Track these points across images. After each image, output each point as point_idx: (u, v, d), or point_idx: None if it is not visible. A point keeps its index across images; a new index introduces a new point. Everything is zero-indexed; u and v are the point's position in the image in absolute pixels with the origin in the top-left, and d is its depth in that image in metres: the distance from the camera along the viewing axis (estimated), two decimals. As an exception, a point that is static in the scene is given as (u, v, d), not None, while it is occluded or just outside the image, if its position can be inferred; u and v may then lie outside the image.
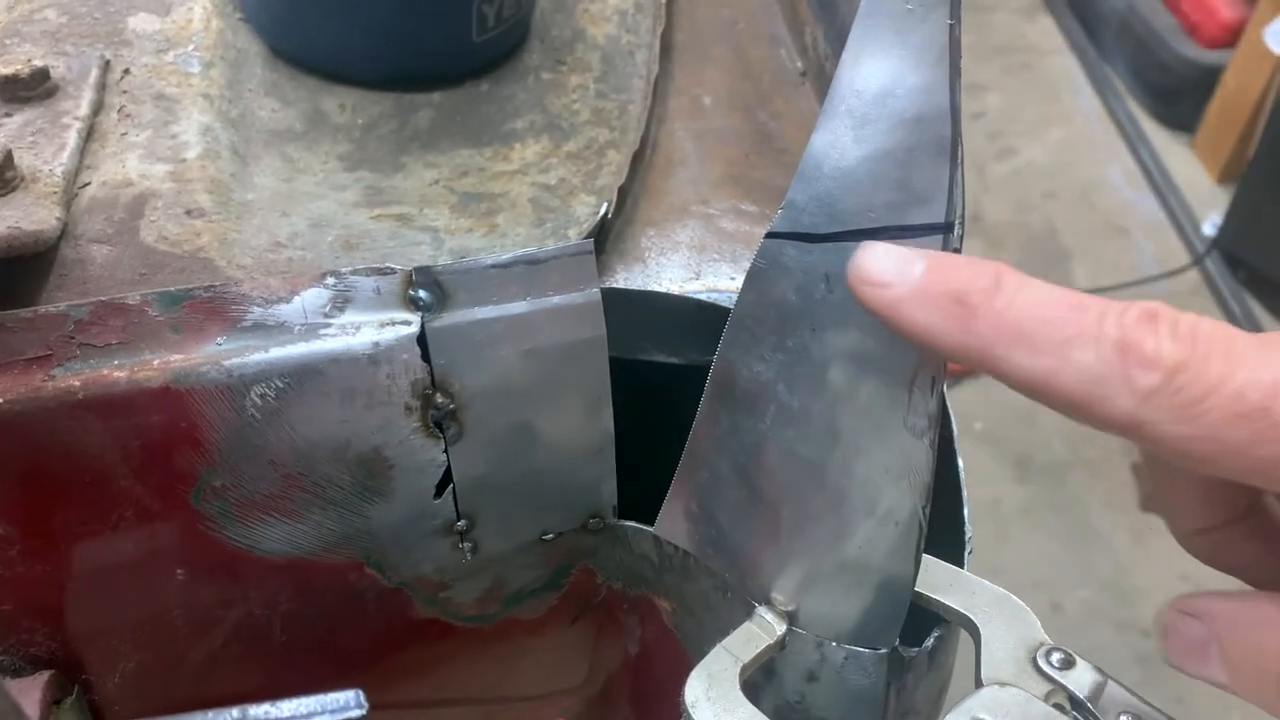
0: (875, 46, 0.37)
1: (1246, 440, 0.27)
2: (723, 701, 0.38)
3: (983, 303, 0.29)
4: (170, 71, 0.53)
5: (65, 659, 0.42)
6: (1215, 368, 0.27)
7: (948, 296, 0.30)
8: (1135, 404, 0.27)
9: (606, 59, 0.59)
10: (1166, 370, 0.27)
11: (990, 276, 0.30)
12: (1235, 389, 0.27)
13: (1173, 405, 0.27)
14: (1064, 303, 0.29)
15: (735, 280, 0.45)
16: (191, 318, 0.39)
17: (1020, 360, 0.29)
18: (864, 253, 0.32)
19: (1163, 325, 0.28)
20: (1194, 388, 0.27)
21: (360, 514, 0.42)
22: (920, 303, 0.30)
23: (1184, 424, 0.27)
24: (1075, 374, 0.28)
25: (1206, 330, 0.27)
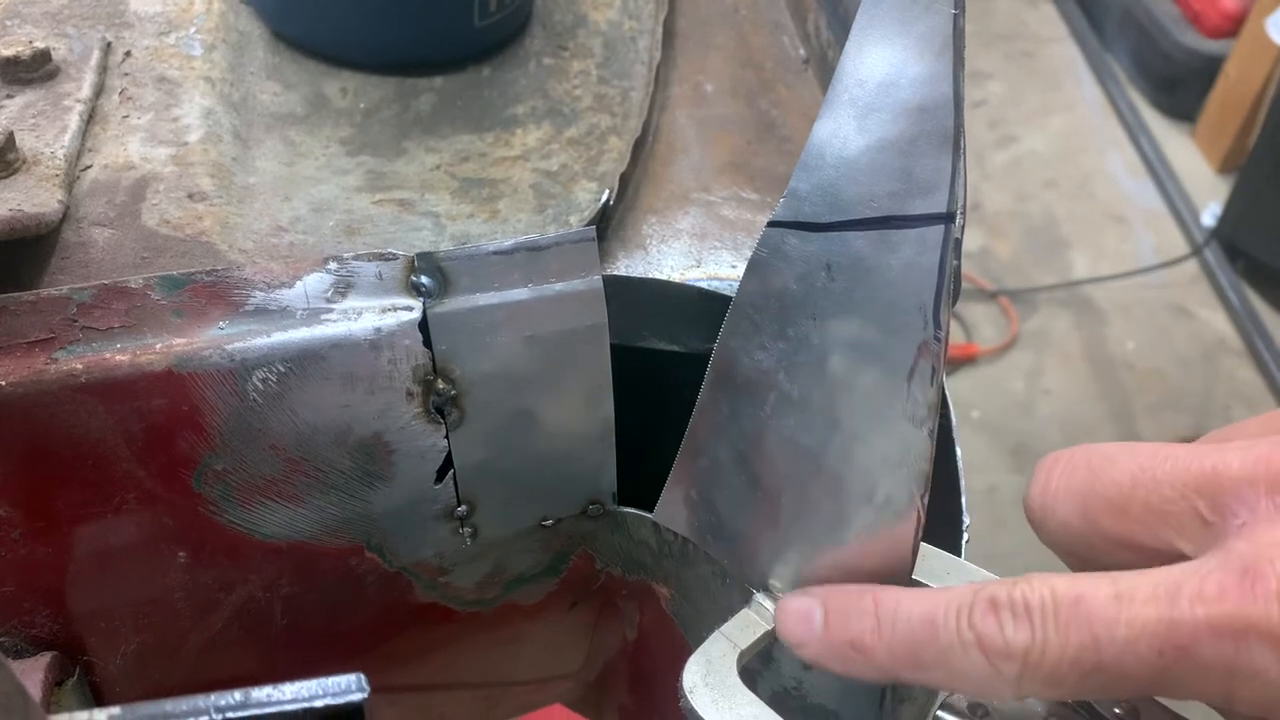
0: (879, 36, 0.37)
1: (1104, 686, 0.30)
2: (720, 688, 0.38)
3: (872, 643, 0.34)
4: (172, 54, 0.53)
5: (67, 641, 0.42)
6: (1053, 642, 0.29)
7: (846, 645, 0.34)
8: (1014, 689, 0.31)
9: (608, 45, 0.59)
10: (1019, 658, 0.30)
11: (870, 615, 0.34)
12: (1071, 659, 0.29)
13: (1038, 680, 0.30)
14: (928, 619, 0.32)
15: (736, 268, 0.45)
16: (194, 302, 0.39)
17: (921, 678, 0.33)
18: (779, 613, 0.37)
19: (1003, 613, 0.31)
20: (1045, 665, 0.30)
21: (361, 499, 0.42)
22: (831, 656, 0.35)
23: (1054, 689, 0.30)
24: (963, 678, 0.32)
25: (1036, 601, 0.30)
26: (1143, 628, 0.28)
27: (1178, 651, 0.28)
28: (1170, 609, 0.28)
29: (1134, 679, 0.29)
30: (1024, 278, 2.15)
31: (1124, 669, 0.29)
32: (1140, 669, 0.28)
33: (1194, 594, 0.28)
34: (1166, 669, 0.28)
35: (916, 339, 0.36)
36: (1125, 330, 2.05)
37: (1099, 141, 2.48)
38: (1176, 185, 2.32)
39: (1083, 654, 0.29)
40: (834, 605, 0.36)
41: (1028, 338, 2.04)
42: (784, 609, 0.37)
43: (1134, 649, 0.28)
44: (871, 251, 0.36)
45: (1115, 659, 0.29)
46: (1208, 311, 2.09)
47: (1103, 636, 0.29)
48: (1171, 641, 0.28)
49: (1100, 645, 0.29)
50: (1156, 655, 0.28)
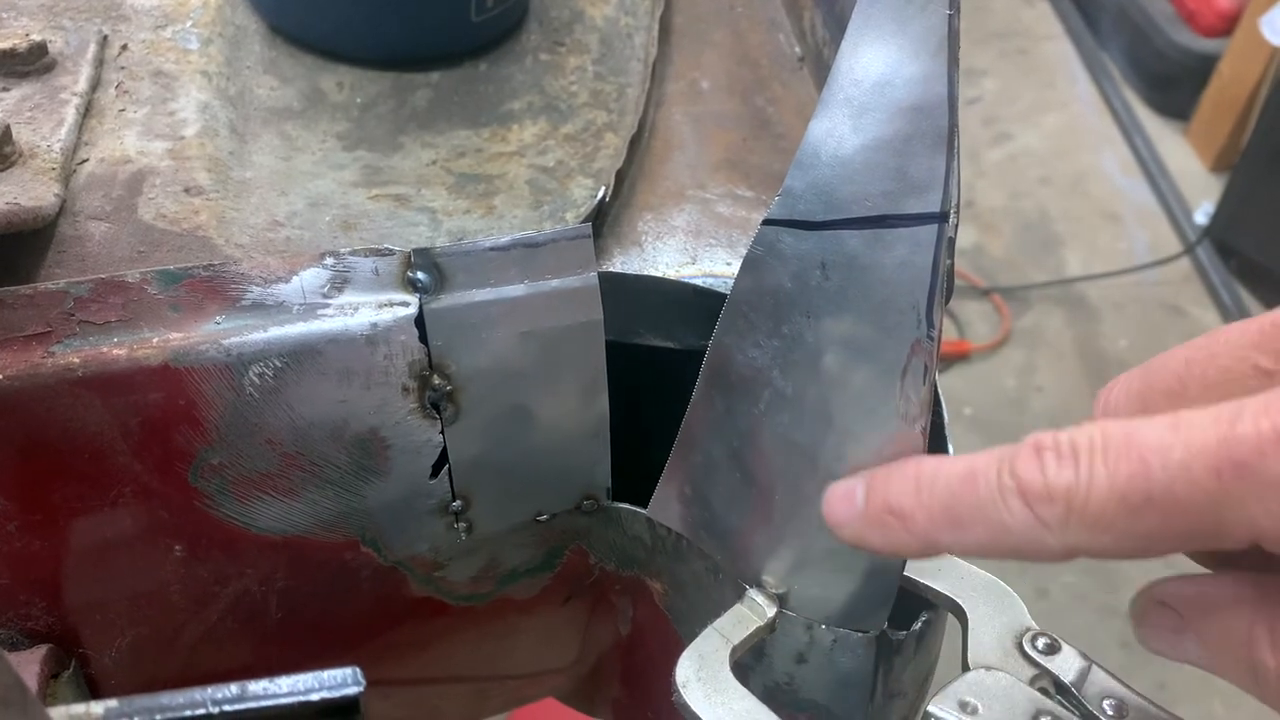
0: (874, 35, 0.37)
1: (1155, 527, 0.28)
2: (713, 682, 0.39)
3: (912, 506, 0.33)
4: (168, 48, 0.53)
5: (63, 633, 0.42)
6: (1099, 480, 0.28)
7: (886, 513, 0.33)
8: (1058, 537, 0.29)
9: (605, 41, 0.59)
10: (1063, 499, 0.28)
11: (910, 479, 0.33)
12: (1119, 494, 0.28)
13: (1085, 524, 0.28)
14: (964, 475, 0.31)
15: (731, 265, 0.45)
16: (191, 296, 0.39)
17: (960, 540, 0.32)
18: (826, 499, 0.36)
19: (1046, 455, 0.29)
20: (1091, 506, 0.28)
21: (356, 493, 0.43)
22: (872, 529, 0.34)
23: (1104, 535, 0.28)
24: (1004, 534, 0.30)
25: (1082, 441, 0.29)
26: (1201, 448, 0.26)
27: (1237, 469, 0.26)
28: (1231, 427, 0.26)
29: (1187, 510, 0.27)
30: (1017, 275, 2.15)
31: (1176, 498, 0.27)
32: (1194, 496, 0.26)
33: (1258, 410, 0.26)
34: (1225, 492, 0.26)
35: (909, 337, 0.36)
36: (1118, 328, 2.06)
37: (1093, 139, 2.48)
38: (1170, 184, 2.32)
39: (1132, 485, 0.27)
40: (876, 478, 0.34)
41: (1020, 335, 2.04)
42: (829, 493, 0.36)
43: (1188, 473, 0.26)
44: (865, 250, 0.37)
45: (1167, 487, 0.27)
46: (1200, 310, 2.10)
47: (1154, 463, 0.27)
48: (1231, 458, 0.26)
49: (1151, 473, 0.27)
50: (1215, 477, 0.26)
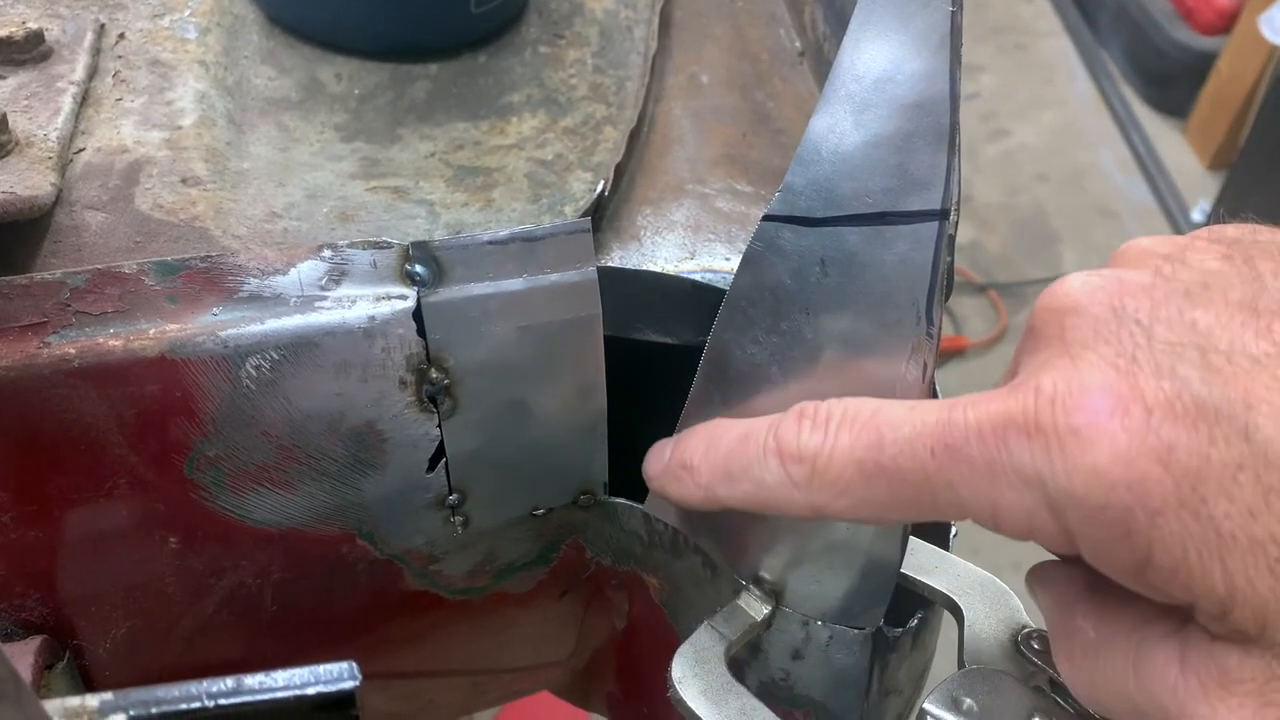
0: (877, 31, 0.37)
1: (883, 494, 0.30)
2: (708, 678, 0.39)
3: (698, 461, 0.36)
4: (166, 37, 0.53)
5: (57, 624, 0.42)
6: (841, 443, 0.31)
7: (679, 465, 0.37)
8: (802, 494, 0.32)
9: (605, 34, 0.59)
10: (808, 458, 0.32)
11: (704, 439, 0.36)
12: (855, 458, 0.30)
13: (822, 485, 0.31)
14: (741, 434, 0.34)
15: (730, 261, 0.45)
16: (188, 288, 0.39)
17: (732, 492, 0.35)
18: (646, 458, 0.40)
19: (804, 421, 0.32)
20: (832, 467, 0.31)
21: (353, 486, 0.43)
22: (669, 480, 0.38)
23: (840, 498, 0.31)
24: (763, 489, 0.33)
25: (837, 411, 0.32)
26: (923, 428, 0.29)
27: (948, 451, 0.29)
28: (949, 414, 0.29)
29: (909, 481, 0.30)
30: (1013, 271, 2.15)
31: (901, 470, 0.30)
32: (915, 471, 0.29)
33: (968, 402, 0.29)
34: (939, 472, 0.29)
35: (909, 334, 0.36)
36: (1113, 325, 2.06)
37: (1090, 136, 2.48)
38: (1167, 181, 2.32)
39: (867, 454, 0.30)
40: (683, 436, 0.38)
41: (1016, 331, 2.04)
42: (651, 449, 0.40)
43: (911, 448, 0.29)
44: (865, 247, 0.37)
45: (894, 459, 0.30)
46: (1195, 307, 2.10)
47: (887, 436, 0.30)
48: (944, 440, 0.29)
49: (884, 444, 0.30)
50: (930, 455, 0.29)
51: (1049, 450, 0.27)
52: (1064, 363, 0.28)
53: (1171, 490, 0.25)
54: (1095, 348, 0.28)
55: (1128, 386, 0.26)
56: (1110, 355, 0.27)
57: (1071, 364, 0.28)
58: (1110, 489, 0.26)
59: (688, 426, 0.41)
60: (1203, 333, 0.27)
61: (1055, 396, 0.27)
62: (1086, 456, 0.26)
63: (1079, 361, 0.28)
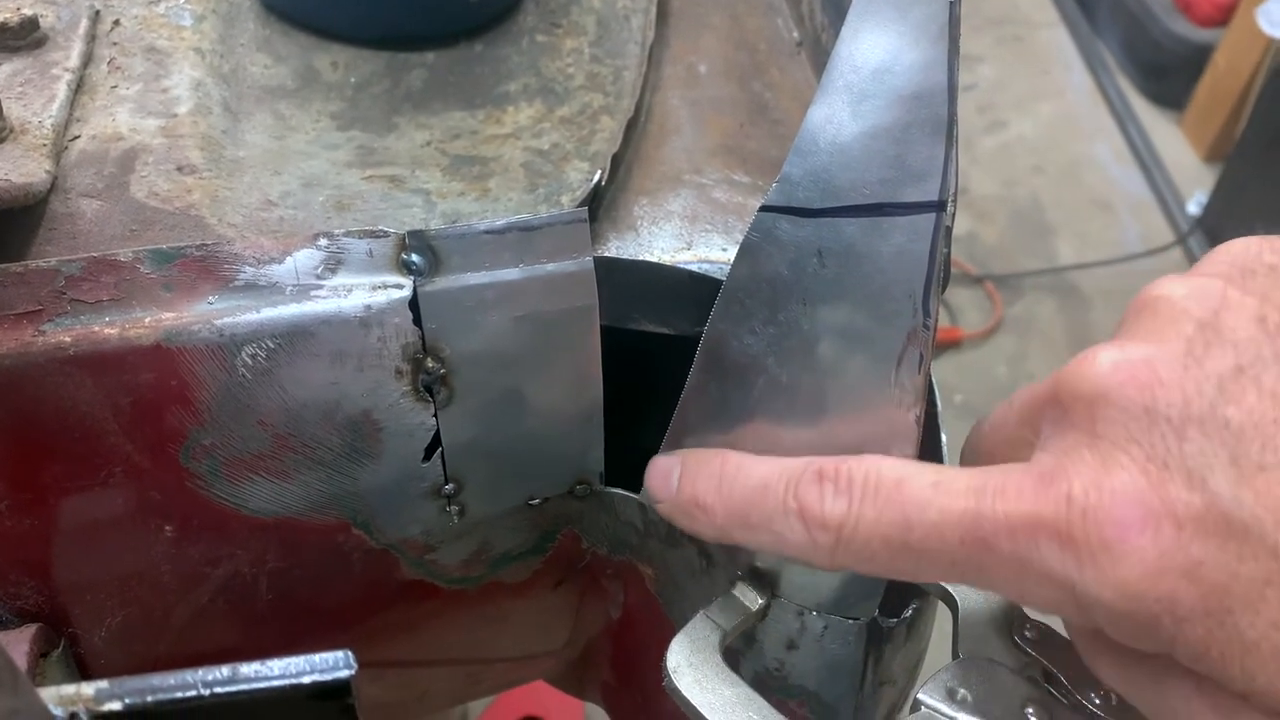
0: (875, 21, 0.37)
1: (910, 567, 0.31)
2: (703, 668, 0.39)
3: (713, 501, 0.36)
4: (161, 24, 0.52)
5: (52, 613, 0.42)
6: (867, 516, 0.31)
7: (692, 503, 0.37)
8: (829, 559, 0.33)
9: (602, 23, 0.59)
10: (834, 529, 0.32)
11: (715, 476, 0.37)
12: (881, 535, 0.31)
13: (849, 554, 0.32)
14: (762, 485, 0.35)
15: (727, 251, 0.45)
16: (183, 276, 0.39)
17: (750, 539, 0.35)
18: (646, 475, 0.40)
19: (826, 485, 0.33)
20: (857, 539, 0.32)
21: (349, 475, 0.43)
22: (680, 514, 0.38)
23: (865, 564, 0.32)
24: (785, 543, 0.34)
25: (858, 476, 0.32)
26: (951, 516, 0.30)
27: (978, 543, 0.29)
28: (977, 503, 0.29)
29: (938, 563, 0.30)
30: (1009, 263, 2.15)
31: (929, 551, 0.30)
32: (944, 554, 0.30)
33: (997, 491, 0.29)
34: (968, 558, 0.30)
35: (905, 326, 0.36)
36: (1109, 317, 2.06)
37: (1087, 128, 2.48)
38: (1163, 173, 2.32)
39: (893, 532, 0.31)
40: (689, 464, 0.38)
41: (1012, 323, 2.05)
42: (652, 466, 0.40)
43: (940, 534, 0.30)
44: (863, 238, 0.36)
45: (922, 541, 0.30)
46: (1190, 300, 2.10)
47: (914, 518, 0.30)
48: (974, 533, 0.29)
49: (911, 526, 0.30)
50: (959, 544, 0.30)
51: (1079, 559, 0.28)
52: (1094, 461, 0.28)
53: (1198, 602, 0.26)
54: (1127, 449, 0.28)
55: (1158, 499, 0.27)
56: (1141, 459, 0.28)
57: (1102, 466, 0.28)
58: (1138, 601, 0.27)
59: (684, 417, 0.41)
60: (1235, 433, 0.27)
61: (1087, 507, 0.28)
62: (1117, 570, 0.27)
63: (1110, 464, 0.28)
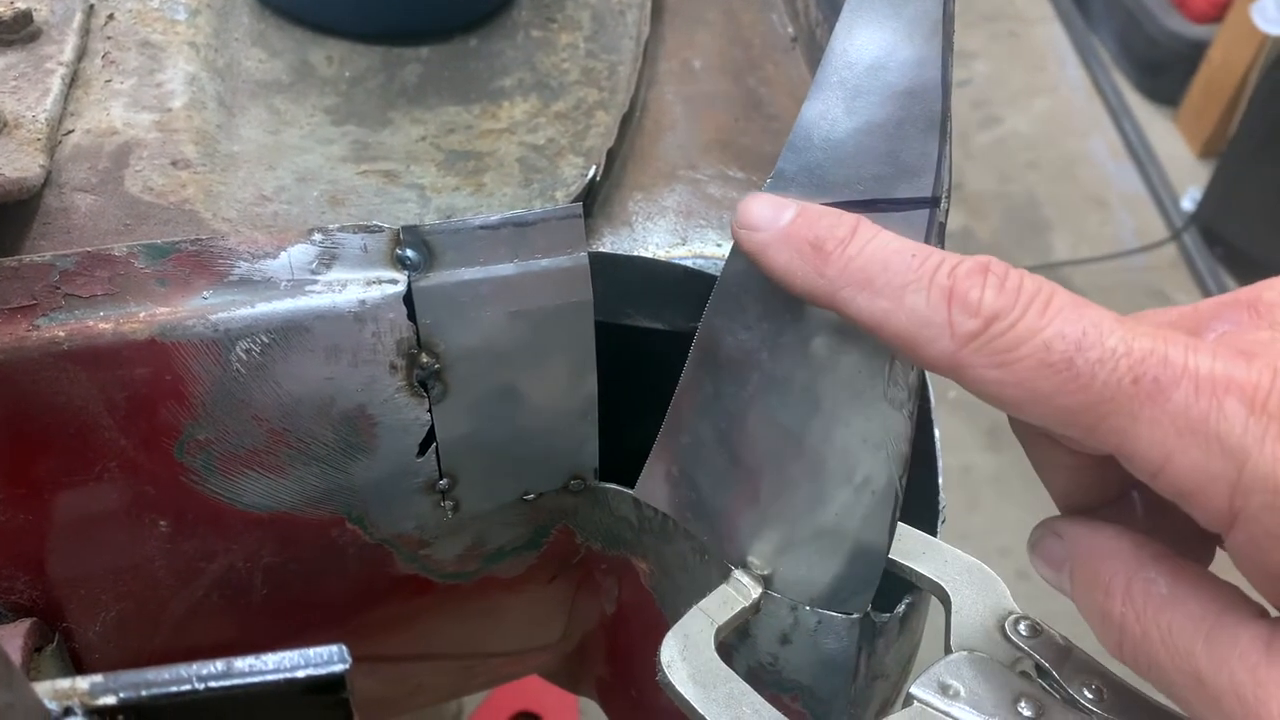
0: (869, 18, 0.37)
1: (1052, 389, 0.29)
2: (698, 662, 0.39)
3: (835, 249, 0.33)
4: (155, 18, 0.52)
5: (46, 607, 0.42)
6: (1030, 319, 0.29)
7: (807, 241, 0.33)
8: (955, 347, 0.30)
9: (597, 18, 0.59)
10: (986, 318, 0.29)
11: (848, 226, 0.33)
12: (1044, 340, 0.29)
13: (989, 351, 0.29)
14: (907, 252, 0.32)
15: (721, 247, 0.45)
16: (178, 271, 0.39)
17: (861, 302, 0.32)
18: (746, 200, 0.35)
19: (991, 278, 0.30)
20: (1008, 336, 0.29)
21: (343, 470, 0.43)
22: (782, 246, 0.34)
23: (998, 369, 0.29)
24: (906, 316, 0.31)
25: (1030, 286, 0.30)
26: (1135, 349, 0.28)
27: (1155, 385, 0.27)
28: (1167, 347, 0.28)
29: (1093, 393, 0.28)
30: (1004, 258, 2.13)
31: (1092, 377, 0.28)
32: (1107, 385, 0.28)
33: (1192, 345, 0.28)
34: (1132, 399, 0.28)
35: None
36: (1103, 313, 2.07)
37: (1082, 124, 2.48)
38: (1158, 169, 2.33)
39: (1058, 343, 0.28)
40: (812, 209, 0.34)
41: (1006, 318, 2.05)
42: (755, 196, 0.35)
43: (1115, 363, 0.28)
44: (857, 234, 0.36)
45: (1090, 363, 0.28)
46: (1185, 296, 2.11)
47: (1090, 336, 0.28)
48: (1154, 373, 0.27)
49: (1084, 344, 0.28)
50: (1132, 381, 0.28)
51: (1266, 431, 0.26)
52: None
53: None
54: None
55: None
56: None
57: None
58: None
59: (678, 413, 0.41)
60: None
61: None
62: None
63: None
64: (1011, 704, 0.35)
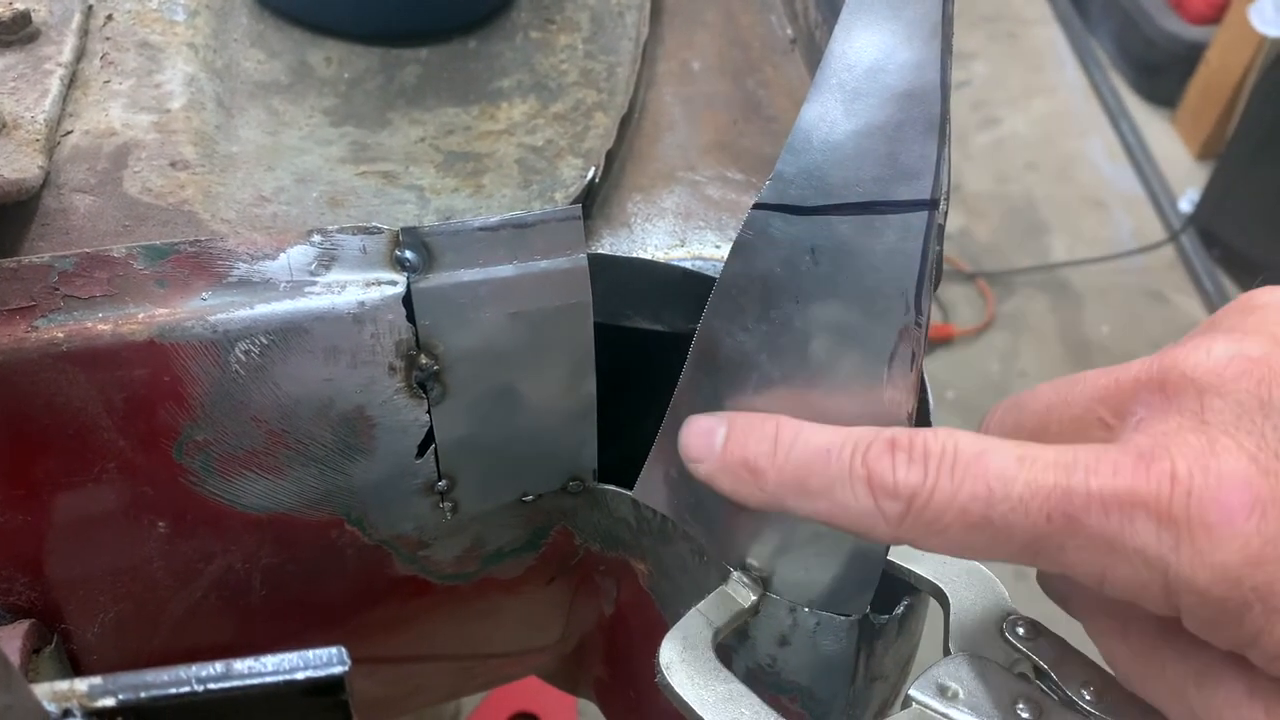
0: (869, 20, 0.37)
1: (984, 543, 0.30)
2: (696, 664, 0.39)
3: (767, 465, 0.34)
4: (154, 19, 0.52)
5: (45, 608, 0.42)
6: (943, 487, 0.30)
7: (741, 465, 0.35)
8: (892, 530, 0.31)
9: (596, 19, 0.59)
10: (905, 498, 0.31)
11: (770, 440, 0.35)
12: (960, 506, 0.30)
13: (920, 525, 0.31)
14: (824, 448, 0.33)
15: (720, 249, 0.45)
16: (177, 272, 0.39)
17: (805, 506, 0.34)
18: (684, 430, 0.38)
19: (899, 455, 0.31)
20: (930, 509, 0.30)
21: (342, 472, 0.43)
22: (725, 474, 0.36)
23: (934, 538, 0.31)
24: (844, 511, 0.32)
25: (935, 447, 0.31)
26: (1039, 490, 0.29)
27: (1066, 519, 0.29)
28: (1068, 477, 0.29)
29: (1017, 539, 0.29)
30: (1002, 260, 2.16)
31: (1010, 527, 0.29)
32: (1026, 530, 0.29)
33: (1091, 467, 0.29)
34: (1051, 535, 0.29)
35: (898, 323, 0.36)
36: (1101, 314, 2.07)
37: (1080, 125, 2.49)
38: (1156, 171, 2.33)
39: (973, 505, 0.30)
40: (738, 426, 0.36)
41: (1004, 319, 2.05)
42: (689, 425, 0.38)
43: (1025, 509, 0.29)
44: (855, 236, 0.37)
45: (1004, 516, 0.29)
46: (1183, 297, 2.11)
47: (997, 491, 0.29)
48: (1063, 508, 0.29)
49: (993, 499, 0.29)
50: (1045, 520, 0.29)
51: (1178, 539, 0.27)
52: (1199, 445, 0.28)
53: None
54: (1236, 436, 0.28)
55: (1267, 487, 0.27)
56: (1251, 448, 0.27)
57: (1209, 450, 0.28)
58: (1234, 586, 0.27)
59: (677, 414, 0.41)
60: None
61: (1191, 487, 0.27)
62: (1216, 554, 0.27)
63: (1217, 448, 0.28)
64: (1010, 705, 0.35)
